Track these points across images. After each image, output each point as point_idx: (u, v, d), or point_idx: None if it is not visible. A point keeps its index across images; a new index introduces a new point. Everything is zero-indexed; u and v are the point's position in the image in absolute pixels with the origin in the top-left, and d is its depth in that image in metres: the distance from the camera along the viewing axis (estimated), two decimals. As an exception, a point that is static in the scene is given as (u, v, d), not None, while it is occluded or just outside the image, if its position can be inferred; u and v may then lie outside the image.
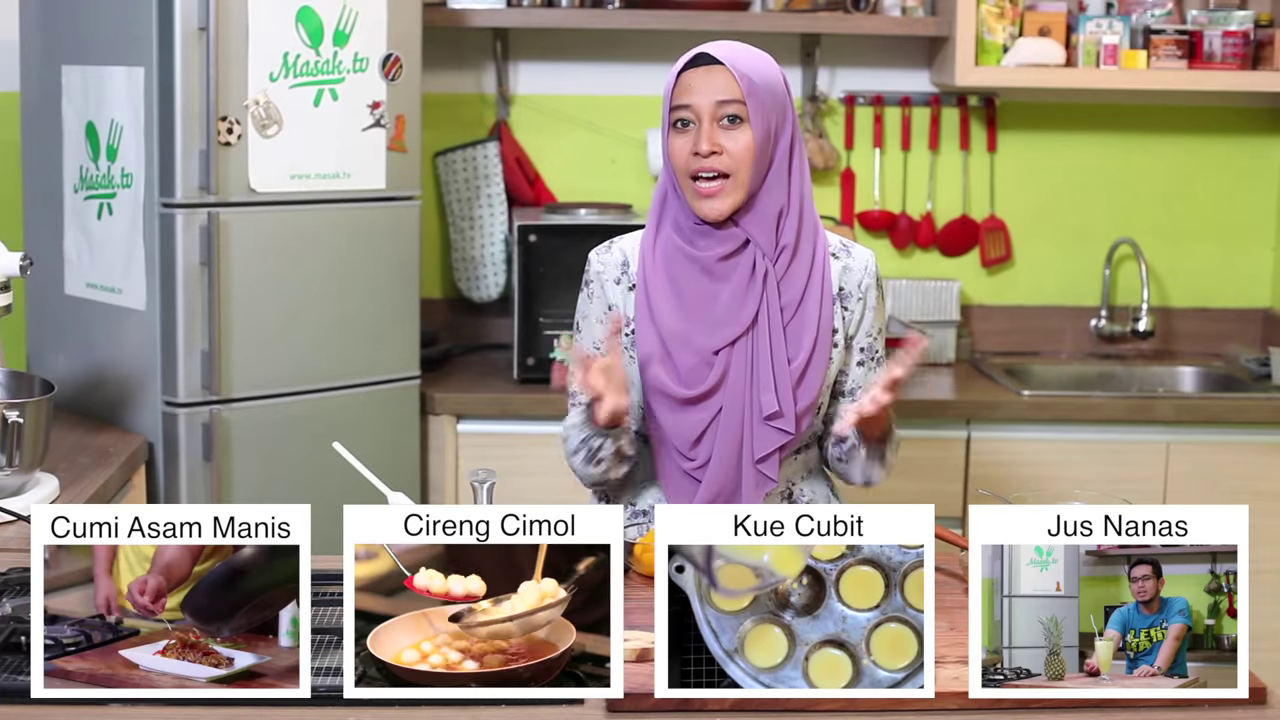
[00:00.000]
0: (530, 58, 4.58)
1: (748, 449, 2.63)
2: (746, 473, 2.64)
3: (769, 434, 2.62)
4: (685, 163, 2.58)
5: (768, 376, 2.61)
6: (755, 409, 2.62)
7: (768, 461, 2.63)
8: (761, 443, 2.62)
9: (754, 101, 2.56)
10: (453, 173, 4.51)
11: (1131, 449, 4.13)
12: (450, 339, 4.55)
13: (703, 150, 2.55)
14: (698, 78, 2.57)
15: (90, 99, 3.64)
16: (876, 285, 2.73)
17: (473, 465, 3.87)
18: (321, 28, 3.60)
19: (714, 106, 2.56)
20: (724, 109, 2.56)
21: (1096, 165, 4.71)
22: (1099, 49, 4.37)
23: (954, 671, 2.11)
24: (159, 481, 3.58)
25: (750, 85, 2.56)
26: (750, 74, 2.57)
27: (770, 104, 2.59)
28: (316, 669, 2.09)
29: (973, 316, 4.72)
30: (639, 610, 2.34)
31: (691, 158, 2.57)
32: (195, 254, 3.51)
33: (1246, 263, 4.78)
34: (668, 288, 2.65)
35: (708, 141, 2.55)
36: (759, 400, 2.61)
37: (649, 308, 2.65)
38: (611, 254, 2.74)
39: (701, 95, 2.57)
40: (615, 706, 2.02)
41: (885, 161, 4.68)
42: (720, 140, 2.56)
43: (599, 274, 2.74)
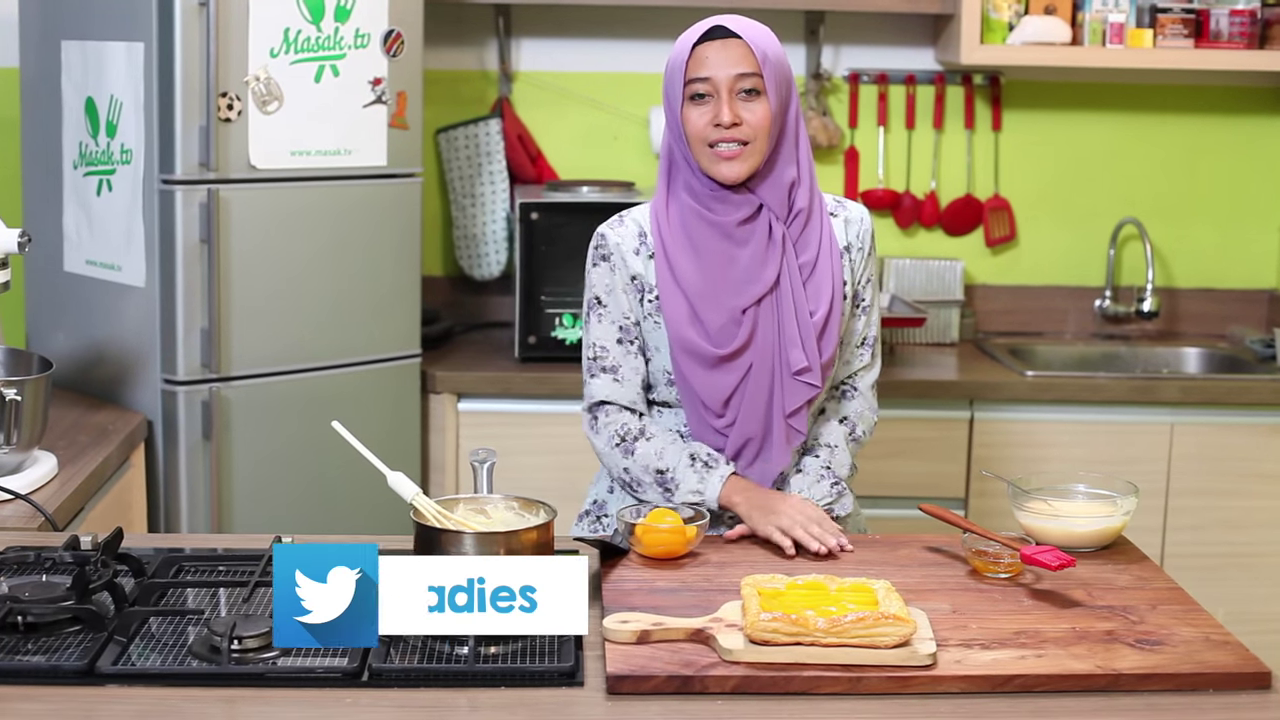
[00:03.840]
0: (532, 34, 4.56)
1: (778, 404, 2.71)
2: (777, 427, 2.72)
3: (798, 388, 2.70)
4: (703, 132, 2.64)
5: (794, 332, 2.69)
6: (784, 365, 2.70)
7: (798, 415, 2.72)
8: (792, 397, 2.70)
9: (768, 72, 2.63)
10: (454, 150, 4.49)
11: (1135, 430, 4.12)
12: (451, 317, 4.53)
13: (725, 121, 2.61)
14: (714, 50, 2.63)
15: (90, 74, 3.62)
16: (871, 236, 2.83)
17: (473, 444, 3.87)
18: (323, 3, 3.58)
19: (733, 79, 2.62)
20: (742, 81, 2.63)
21: (1102, 145, 4.69)
22: (1105, 27, 4.35)
23: (956, 655, 2.10)
24: (158, 460, 3.57)
25: (764, 57, 2.63)
26: (764, 47, 2.63)
27: (780, 76, 2.66)
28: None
29: (976, 296, 4.71)
30: (640, 592, 2.33)
31: (711, 128, 2.63)
32: (195, 231, 3.50)
33: (1252, 243, 4.76)
34: (689, 251, 2.71)
35: (729, 113, 2.61)
36: (787, 356, 2.69)
37: (671, 272, 2.71)
38: (626, 226, 2.78)
39: (719, 68, 2.63)
40: (615, 688, 2.01)
41: (889, 140, 4.66)
42: (740, 112, 2.62)
43: (617, 245, 2.76)
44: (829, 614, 2.09)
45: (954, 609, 2.29)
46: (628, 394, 2.77)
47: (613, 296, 2.77)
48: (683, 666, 2.04)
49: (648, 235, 2.76)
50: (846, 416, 2.85)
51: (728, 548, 2.58)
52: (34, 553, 2.36)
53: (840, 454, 2.80)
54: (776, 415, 2.71)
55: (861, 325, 2.83)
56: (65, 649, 2.07)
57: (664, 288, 2.71)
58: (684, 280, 2.70)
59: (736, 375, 2.69)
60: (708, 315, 2.69)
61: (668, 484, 2.70)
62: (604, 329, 2.77)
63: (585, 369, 2.79)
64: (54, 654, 2.06)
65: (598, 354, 2.77)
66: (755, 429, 2.71)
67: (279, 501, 3.67)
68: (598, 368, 2.77)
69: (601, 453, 2.78)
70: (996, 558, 2.45)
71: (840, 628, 2.06)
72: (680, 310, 2.70)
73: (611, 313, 2.77)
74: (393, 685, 2.01)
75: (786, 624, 2.06)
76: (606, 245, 2.77)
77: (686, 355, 2.70)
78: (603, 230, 2.79)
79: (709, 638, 2.12)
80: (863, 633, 2.06)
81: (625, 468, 2.74)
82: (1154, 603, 2.34)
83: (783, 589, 2.21)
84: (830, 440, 2.81)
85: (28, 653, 2.06)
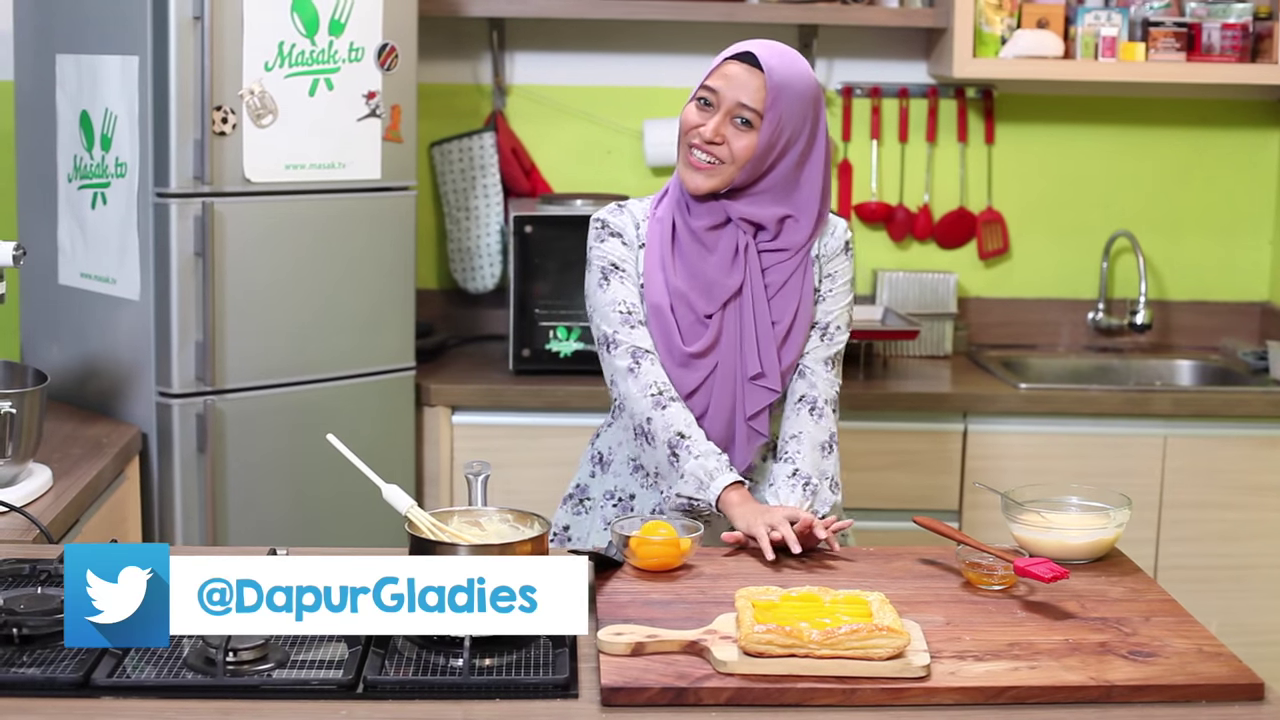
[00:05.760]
0: (527, 48, 4.57)
1: (740, 407, 2.81)
2: (740, 429, 2.82)
3: (757, 393, 2.80)
4: (689, 132, 2.76)
5: (753, 340, 2.78)
6: (744, 369, 2.80)
7: (758, 418, 2.81)
8: (752, 401, 2.81)
9: (771, 114, 2.70)
10: (448, 163, 4.49)
11: (1129, 442, 4.13)
12: (445, 330, 4.54)
13: (705, 135, 2.72)
14: (736, 70, 2.73)
15: (84, 88, 3.62)
16: (844, 249, 2.89)
17: (467, 457, 3.87)
18: (317, 17, 3.58)
19: (734, 105, 2.71)
20: (741, 111, 2.72)
21: (1094, 158, 4.70)
22: (1097, 41, 4.36)
23: (950, 667, 2.11)
24: (153, 472, 3.57)
25: (775, 98, 2.70)
26: (782, 87, 2.71)
27: (788, 119, 2.72)
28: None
29: (970, 309, 4.71)
30: (634, 604, 2.34)
31: (696, 131, 2.74)
32: (189, 244, 3.50)
33: (1244, 256, 4.77)
34: (670, 249, 2.81)
35: (712, 129, 2.72)
36: (747, 361, 2.80)
37: (655, 266, 2.81)
38: (624, 215, 2.88)
39: (729, 89, 2.72)
40: (609, 700, 2.01)
41: (882, 153, 4.67)
42: (725, 132, 2.72)
43: (620, 226, 2.86)
44: (823, 626, 2.09)
45: (948, 621, 2.29)
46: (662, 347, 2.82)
47: (628, 265, 2.84)
48: (677, 678, 2.05)
49: (641, 227, 2.86)
50: (803, 395, 2.84)
51: (722, 560, 2.58)
52: (29, 565, 2.36)
53: (805, 439, 2.80)
54: (739, 417, 2.80)
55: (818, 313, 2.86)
56: (60, 661, 2.07)
57: (648, 279, 2.81)
58: (666, 275, 2.79)
59: (702, 374, 2.79)
60: (680, 313, 2.79)
61: (680, 449, 2.72)
62: (627, 289, 2.83)
63: (619, 322, 2.80)
64: (49, 666, 2.06)
65: (630, 308, 2.82)
66: (720, 429, 2.80)
67: (273, 514, 3.67)
68: (634, 320, 2.82)
69: (629, 395, 2.78)
70: (990, 570, 2.45)
71: (834, 640, 2.06)
72: (661, 303, 2.79)
73: (631, 275, 2.84)
74: (387, 697, 2.01)
75: (781, 636, 2.07)
76: (613, 224, 2.86)
77: (662, 346, 2.80)
78: (604, 215, 2.88)
79: (703, 650, 2.12)
80: (857, 645, 2.06)
81: (649, 418, 2.75)
82: (1147, 614, 2.35)
83: (777, 601, 2.21)
84: (791, 429, 2.82)
85: (23, 665, 2.06)
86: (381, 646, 2.13)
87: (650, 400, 2.76)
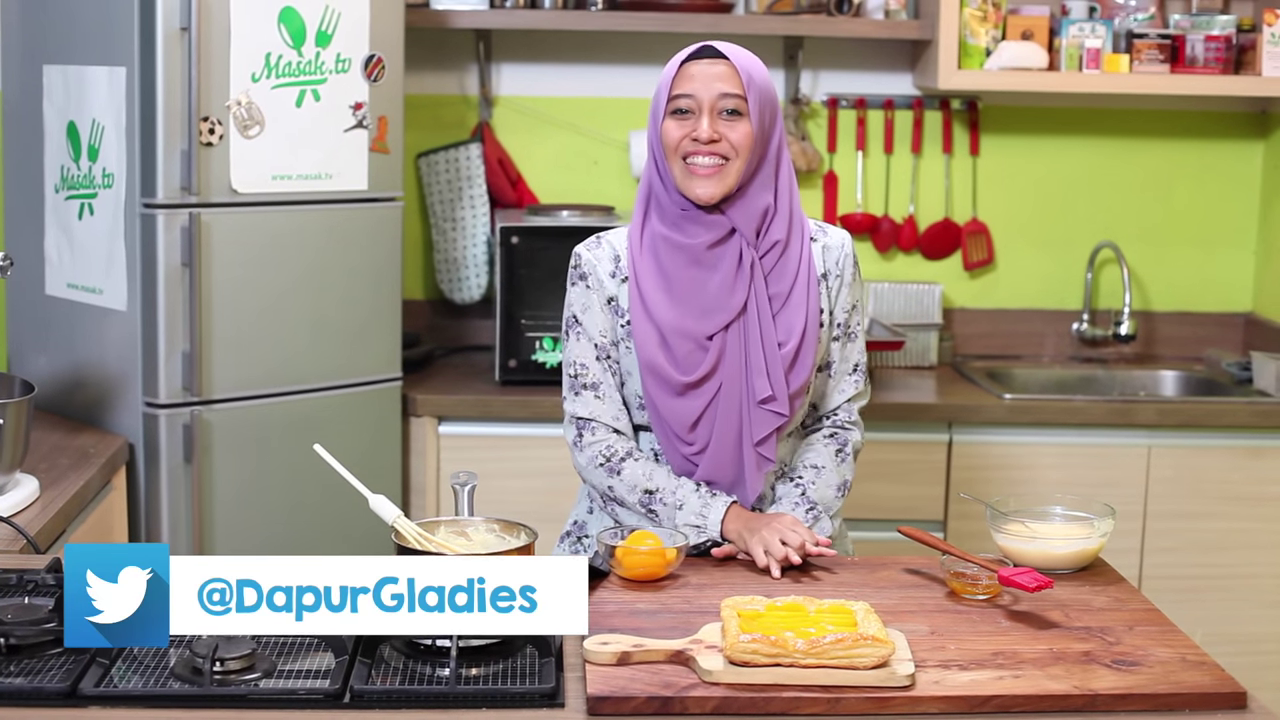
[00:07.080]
0: (513, 59, 4.58)
1: (747, 432, 2.71)
2: (747, 455, 2.72)
3: (765, 417, 2.70)
4: (679, 145, 2.66)
5: (759, 361, 2.69)
6: (750, 393, 2.69)
7: (766, 443, 2.72)
8: (759, 426, 2.71)
9: (753, 96, 2.65)
10: (435, 174, 4.50)
11: (1113, 453, 4.14)
12: (432, 340, 4.54)
13: (703, 137, 2.64)
14: (700, 69, 2.66)
15: (71, 99, 3.62)
16: (853, 263, 2.83)
17: (454, 467, 3.86)
18: (304, 28, 3.59)
19: (716, 98, 2.65)
20: (725, 101, 2.65)
21: (1079, 169, 4.72)
22: (1081, 53, 4.38)
23: (935, 676, 2.12)
24: (139, 482, 3.57)
25: (749, 80, 2.65)
26: (750, 70, 2.66)
27: (764, 102, 2.68)
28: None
29: (954, 320, 4.73)
30: (620, 614, 2.34)
31: (688, 141, 2.65)
32: (176, 255, 3.50)
33: (1228, 267, 4.79)
34: (658, 278, 2.72)
35: (709, 128, 2.64)
36: (753, 384, 2.69)
37: (642, 299, 2.72)
38: (602, 248, 2.79)
39: (704, 86, 2.65)
40: (595, 709, 2.02)
41: (868, 164, 4.68)
42: (720, 129, 2.64)
43: (593, 266, 2.78)
44: (808, 635, 2.10)
45: (932, 630, 2.30)
46: (610, 410, 2.77)
47: (589, 315, 2.78)
48: (663, 688, 2.06)
49: (622, 259, 2.78)
50: (835, 434, 2.85)
51: (707, 570, 2.59)
52: (16, 575, 2.36)
53: (826, 474, 2.80)
54: (746, 443, 2.71)
55: (848, 352, 2.85)
56: (47, 671, 2.07)
57: (635, 314, 2.73)
58: (653, 308, 2.71)
59: (703, 401, 2.70)
60: (675, 342, 2.70)
61: (654, 505, 2.70)
62: (582, 347, 2.77)
63: (567, 387, 2.80)
64: (36, 676, 2.06)
65: (578, 371, 2.78)
66: (725, 456, 2.72)
67: (260, 524, 3.67)
68: (579, 385, 2.78)
69: (584, 469, 2.79)
70: (974, 579, 2.46)
71: (819, 649, 2.07)
72: (650, 337, 2.71)
73: (589, 331, 2.78)
74: (374, 706, 2.02)
75: (766, 645, 2.08)
76: (583, 265, 2.79)
77: (655, 381, 2.72)
78: (579, 251, 2.80)
79: (689, 659, 2.13)
80: (842, 654, 2.07)
81: (610, 486, 2.74)
82: (1131, 624, 2.36)
83: (762, 610, 2.22)
84: (816, 461, 2.81)
85: (10, 675, 2.06)
86: (368, 656, 2.13)
87: (603, 471, 2.74)
